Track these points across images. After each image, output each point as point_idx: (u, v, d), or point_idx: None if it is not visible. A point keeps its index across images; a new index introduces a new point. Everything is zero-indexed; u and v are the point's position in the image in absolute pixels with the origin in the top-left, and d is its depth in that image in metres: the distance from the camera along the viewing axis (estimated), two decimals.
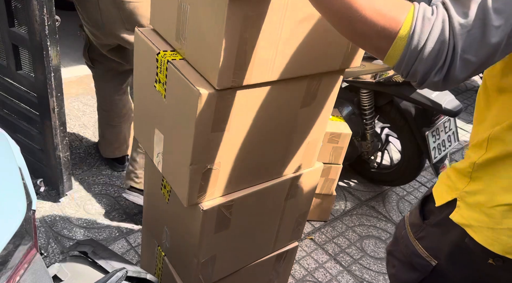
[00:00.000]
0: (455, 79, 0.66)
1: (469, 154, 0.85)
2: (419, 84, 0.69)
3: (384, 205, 2.33)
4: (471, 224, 0.81)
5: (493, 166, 0.79)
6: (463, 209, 0.82)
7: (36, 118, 1.87)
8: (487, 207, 0.79)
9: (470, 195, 0.82)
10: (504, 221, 0.76)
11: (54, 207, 1.98)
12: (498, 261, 0.80)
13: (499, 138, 0.77)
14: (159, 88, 1.03)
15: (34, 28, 1.60)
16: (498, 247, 0.78)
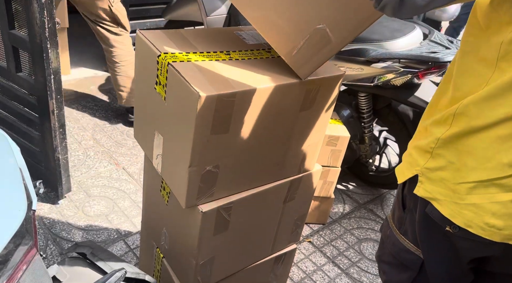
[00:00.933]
0: (412, 2, 0.66)
1: (430, 129, 0.85)
2: (377, 0, 0.69)
3: (382, 208, 2.34)
4: (435, 197, 0.82)
5: (458, 142, 0.79)
6: (426, 184, 0.84)
7: (36, 120, 1.87)
8: (452, 183, 0.80)
9: (432, 171, 0.83)
10: (468, 197, 0.78)
11: (52, 209, 1.98)
12: (454, 228, 0.82)
13: (464, 113, 0.77)
14: (159, 90, 1.04)
15: (35, 31, 1.61)
16: (461, 220, 0.80)
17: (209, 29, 1.21)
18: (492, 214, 0.77)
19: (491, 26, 0.74)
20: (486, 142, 0.75)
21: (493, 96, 0.73)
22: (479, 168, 0.77)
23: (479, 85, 0.76)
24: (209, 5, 2.43)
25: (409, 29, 1.95)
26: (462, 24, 3.90)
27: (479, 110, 0.75)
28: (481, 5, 0.77)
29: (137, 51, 1.11)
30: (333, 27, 0.93)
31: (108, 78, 3.10)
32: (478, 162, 0.76)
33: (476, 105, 0.75)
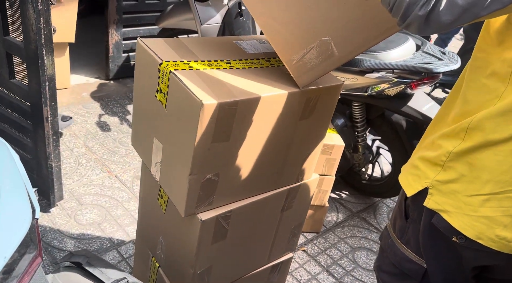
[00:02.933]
0: (438, 20, 0.66)
1: (440, 143, 0.86)
2: (402, 18, 0.69)
3: (375, 217, 2.35)
4: (446, 209, 0.83)
5: (471, 155, 0.80)
6: (436, 196, 0.84)
7: (29, 127, 1.85)
8: (464, 195, 0.81)
9: (443, 184, 0.84)
10: (481, 209, 0.79)
11: (44, 217, 1.95)
12: (461, 239, 0.83)
13: (478, 127, 0.79)
14: (160, 98, 1.04)
15: (30, 37, 1.60)
16: (471, 232, 0.81)
17: (209, 38, 1.22)
18: (504, 226, 0.78)
19: (505, 42, 0.76)
20: (502, 155, 0.76)
21: (508, 111, 0.75)
22: (493, 180, 0.78)
23: (491, 100, 0.77)
24: (204, 14, 2.44)
25: (403, 40, 1.98)
26: (450, 35, 3.98)
27: (495, 125, 0.76)
28: (496, 20, 0.78)
29: (138, 59, 1.11)
30: (338, 41, 0.95)
31: (101, 85, 3.08)
32: (492, 175, 0.78)
33: (491, 119, 0.77)
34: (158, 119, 1.09)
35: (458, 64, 1.90)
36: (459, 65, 1.90)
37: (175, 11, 2.62)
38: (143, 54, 1.06)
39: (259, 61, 1.13)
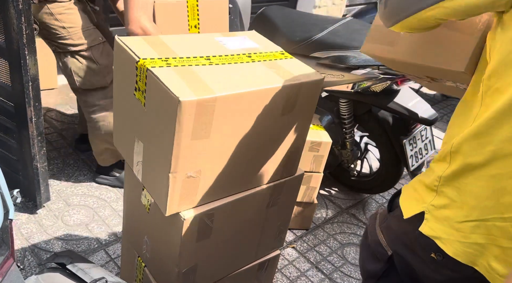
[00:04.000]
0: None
1: (432, 167, 0.85)
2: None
3: (364, 213, 2.36)
4: (440, 236, 0.82)
5: (458, 180, 0.79)
6: (432, 222, 0.83)
7: (13, 128, 1.83)
8: (455, 222, 0.79)
9: (437, 209, 0.83)
10: (472, 236, 0.78)
11: (31, 218, 1.93)
12: (439, 256, 0.82)
13: (459, 150, 0.78)
14: (139, 96, 1.03)
15: (12, 37, 1.58)
16: (465, 258, 0.80)
17: (190, 35, 1.21)
18: (494, 257, 0.76)
19: (479, 68, 0.79)
20: (483, 180, 0.75)
21: (480, 133, 0.74)
22: (479, 206, 0.76)
23: (467, 122, 0.77)
24: None
25: None
26: None
27: (471, 148, 0.75)
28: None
29: (116, 58, 1.10)
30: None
31: None
32: (477, 201, 0.76)
33: (467, 142, 0.76)
34: (138, 118, 1.08)
35: None
36: None
37: None
38: (120, 53, 1.05)
39: (240, 57, 1.13)
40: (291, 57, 1.22)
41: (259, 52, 1.19)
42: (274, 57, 1.19)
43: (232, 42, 1.21)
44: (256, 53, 1.17)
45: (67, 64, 1.90)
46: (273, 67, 1.13)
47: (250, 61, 1.12)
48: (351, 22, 2.13)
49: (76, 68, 1.90)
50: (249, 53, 1.17)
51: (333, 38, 2.02)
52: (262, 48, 1.23)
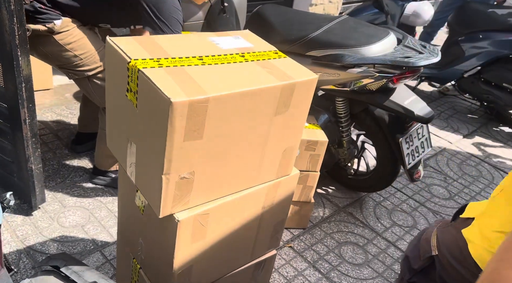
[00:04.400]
0: None
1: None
2: None
3: (361, 211, 2.36)
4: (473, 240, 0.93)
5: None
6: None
7: (7, 130, 1.82)
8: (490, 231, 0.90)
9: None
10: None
11: (26, 220, 1.92)
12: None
13: None
14: (131, 97, 1.02)
15: (4, 38, 1.57)
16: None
17: (183, 35, 1.20)
18: None
19: None
20: None
21: None
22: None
23: None
24: (186, 11, 2.42)
25: (384, 34, 1.98)
26: (435, 29, 3.99)
27: None
28: None
29: (107, 59, 1.09)
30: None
31: None
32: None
33: None
34: (130, 119, 1.07)
35: (439, 57, 1.90)
36: (439, 58, 1.90)
37: None
38: (112, 53, 1.04)
39: (233, 57, 1.12)
40: (285, 56, 1.21)
41: (252, 51, 1.18)
42: (268, 56, 1.18)
43: (226, 41, 1.20)
44: (249, 53, 1.16)
45: (89, 87, 1.91)
46: (267, 67, 1.12)
47: (243, 60, 1.11)
48: (347, 20, 2.12)
49: (97, 89, 1.90)
50: (242, 52, 1.16)
51: (329, 36, 2.01)
52: (256, 48, 1.22)
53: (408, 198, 2.54)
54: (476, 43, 3.33)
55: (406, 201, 2.51)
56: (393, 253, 2.12)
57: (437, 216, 2.43)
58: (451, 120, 3.56)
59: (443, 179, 2.78)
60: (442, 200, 2.57)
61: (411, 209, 2.45)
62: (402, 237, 2.23)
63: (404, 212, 2.42)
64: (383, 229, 2.26)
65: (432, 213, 2.44)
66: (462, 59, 3.40)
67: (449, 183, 2.74)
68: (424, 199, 2.55)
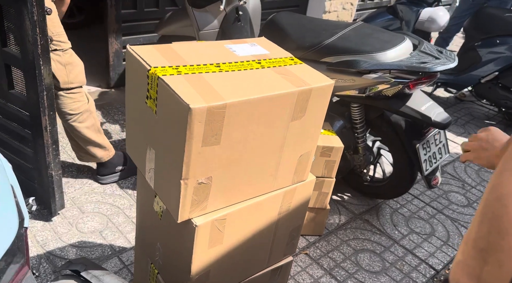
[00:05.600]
0: None
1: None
2: None
3: (378, 218, 2.33)
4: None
5: None
6: None
7: (28, 137, 1.86)
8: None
9: None
10: None
11: (46, 226, 1.96)
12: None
13: None
14: (150, 104, 1.04)
15: (27, 48, 1.61)
16: None
17: (200, 43, 1.22)
18: None
19: None
20: None
21: None
22: None
23: None
24: (201, 20, 2.46)
25: (399, 40, 1.97)
26: (451, 34, 3.96)
27: None
28: None
29: (128, 67, 1.11)
30: None
31: (102, 94, 3.10)
32: None
33: None
34: (150, 125, 1.09)
35: (455, 63, 1.88)
36: (456, 64, 1.88)
37: (174, 18, 2.64)
38: (132, 62, 1.07)
39: (249, 63, 1.13)
40: (300, 62, 1.22)
41: (268, 58, 1.19)
42: (284, 63, 1.19)
43: (242, 49, 1.21)
44: (265, 60, 1.17)
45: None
46: (283, 73, 1.13)
47: (260, 67, 1.13)
48: (361, 27, 2.12)
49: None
50: (258, 59, 1.17)
51: (344, 42, 2.01)
52: (272, 54, 1.23)
53: (425, 205, 2.51)
54: (493, 48, 3.29)
55: (423, 208, 2.48)
56: (410, 261, 2.09)
57: (455, 223, 2.39)
58: (468, 126, 3.51)
59: (461, 186, 2.73)
60: (461, 208, 2.53)
61: (429, 216, 2.42)
62: (419, 244, 2.20)
63: (421, 219, 2.39)
64: (401, 237, 2.23)
65: (451, 221, 2.40)
66: (479, 65, 3.36)
67: (467, 190, 2.70)
68: (442, 206, 2.51)
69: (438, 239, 2.26)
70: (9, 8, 1.62)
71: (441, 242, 2.24)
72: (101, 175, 2.25)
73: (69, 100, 1.97)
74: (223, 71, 1.07)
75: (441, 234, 2.30)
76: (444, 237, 2.28)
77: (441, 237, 2.27)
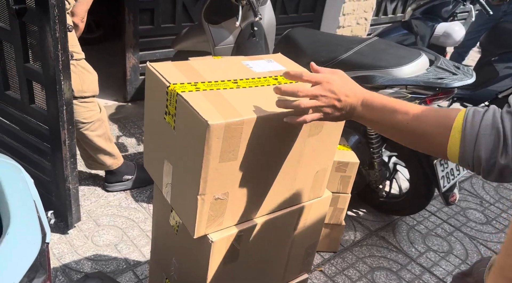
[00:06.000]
0: None
1: None
2: (487, 174, 0.72)
3: (394, 235, 2.30)
4: None
5: None
6: None
7: (47, 150, 1.90)
8: None
9: None
10: None
11: (62, 239, 1.97)
12: None
13: None
14: (169, 119, 1.06)
15: (48, 64, 1.65)
16: None
17: (217, 59, 1.24)
18: None
19: None
20: None
21: None
22: None
23: None
24: (217, 36, 2.49)
25: (415, 55, 1.97)
26: (467, 49, 3.93)
27: None
28: None
29: (147, 83, 1.13)
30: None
31: (119, 107, 3.15)
32: None
33: None
34: (168, 141, 1.10)
35: (473, 78, 1.86)
36: (474, 79, 1.86)
37: (190, 34, 2.68)
38: (152, 78, 1.09)
39: (266, 80, 1.14)
40: None
41: None
42: None
43: (259, 65, 1.23)
44: (282, 76, 1.18)
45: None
46: None
47: (277, 83, 1.14)
48: (377, 42, 2.12)
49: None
50: (275, 75, 1.18)
51: (359, 58, 2.01)
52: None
53: (442, 222, 2.46)
54: (510, 63, 3.26)
55: (440, 225, 2.43)
56: (428, 280, 2.04)
57: (474, 241, 2.34)
58: None
59: (479, 202, 2.68)
60: (479, 225, 2.47)
61: (446, 234, 2.37)
62: (437, 263, 2.15)
63: (439, 236, 2.34)
64: (417, 254, 2.19)
65: (469, 238, 2.35)
66: (496, 80, 3.32)
67: (485, 207, 2.64)
68: (459, 224, 2.46)
69: (457, 257, 2.21)
70: (32, 26, 1.67)
71: (460, 261, 2.19)
72: (109, 183, 2.30)
73: (82, 109, 2.01)
74: (241, 87, 1.08)
75: (460, 252, 2.25)
76: (462, 256, 2.23)
77: (460, 255, 2.22)
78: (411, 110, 0.79)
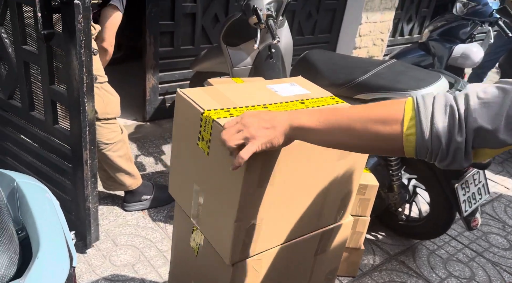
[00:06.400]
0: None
1: None
2: (445, 155, 0.72)
3: (414, 260, 2.25)
4: None
5: None
6: None
7: (69, 170, 1.92)
8: None
9: None
10: None
11: (80, 258, 1.98)
12: None
13: None
14: (202, 145, 1.06)
15: (73, 86, 1.70)
16: None
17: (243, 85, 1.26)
18: None
19: None
20: None
21: None
22: None
23: None
24: (235, 58, 2.53)
25: (435, 78, 1.96)
26: (485, 70, 3.91)
27: None
28: None
29: (177, 109, 1.15)
30: None
31: (138, 127, 3.19)
32: None
33: None
34: (200, 166, 1.11)
35: None
36: None
37: (209, 56, 2.72)
38: (183, 104, 1.10)
39: (294, 104, 1.15)
40: (342, 101, 1.23)
41: (311, 98, 1.21)
42: (326, 102, 1.20)
43: (283, 89, 1.24)
44: (308, 99, 1.19)
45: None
46: None
47: (304, 107, 1.14)
48: (395, 64, 2.13)
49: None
50: (302, 99, 1.19)
51: (377, 80, 2.02)
52: (313, 94, 1.25)
53: (464, 247, 2.40)
54: None
55: (462, 250, 2.37)
56: None
57: (497, 267, 2.27)
58: (507, 164, 3.39)
59: (501, 227, 2.61)
60: (502, 251, 2.40)
61: (468, 259, 2.31)
62: None
63: (460, 262, 2.28)
64: (439, 280, 2.13)
65: (491, 264, 2.28)
66: None
67: (508, 232, 2.57)
68: (481, 249, 2.40)
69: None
70: (59, 50, 1.72)
71: None
72: (128, 202, 2.31)
73: (105, 130, 2.05)
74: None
75: (482, 278, 2.18)
76: (485, 282, 2.16)
77: (482, 282, 2.16)
78: (352, 115, 0.78)
